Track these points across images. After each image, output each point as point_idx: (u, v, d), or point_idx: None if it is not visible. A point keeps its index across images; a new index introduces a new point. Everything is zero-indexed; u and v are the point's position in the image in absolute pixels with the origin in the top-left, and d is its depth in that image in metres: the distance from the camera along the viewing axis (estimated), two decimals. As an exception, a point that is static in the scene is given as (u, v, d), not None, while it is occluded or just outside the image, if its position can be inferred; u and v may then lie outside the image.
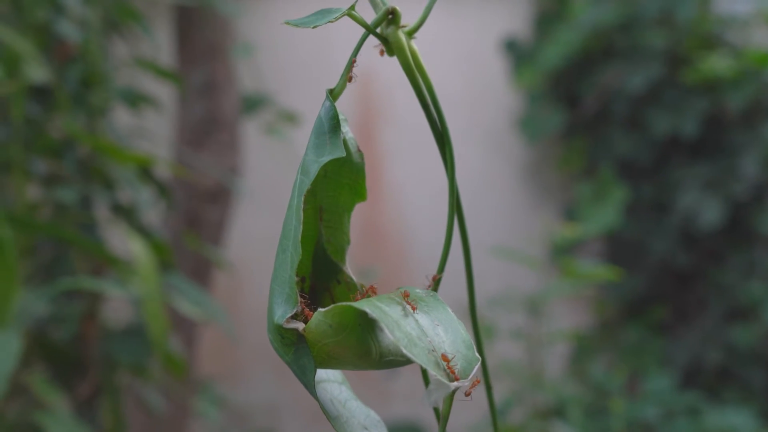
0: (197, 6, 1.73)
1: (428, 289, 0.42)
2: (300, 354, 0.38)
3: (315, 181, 0.41)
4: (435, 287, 0.44)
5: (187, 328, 1.76)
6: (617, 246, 2.78)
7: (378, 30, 0.43)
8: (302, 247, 0.39)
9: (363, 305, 0.37)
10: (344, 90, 0.43)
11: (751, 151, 2.58)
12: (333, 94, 0.43)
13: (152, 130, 1.66)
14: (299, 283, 0.44)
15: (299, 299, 0.39)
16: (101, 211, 1.41)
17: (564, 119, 2.78)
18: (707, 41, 2.69)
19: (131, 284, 1.21)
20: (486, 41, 2.88)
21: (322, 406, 0.41)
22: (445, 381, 0.35)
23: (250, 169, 2.20)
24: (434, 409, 0.44)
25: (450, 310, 0.39)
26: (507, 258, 2.39)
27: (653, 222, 2.69)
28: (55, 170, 1.34)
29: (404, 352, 0.34)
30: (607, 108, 2.76)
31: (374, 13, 0.44)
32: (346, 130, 0.43)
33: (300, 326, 0.38)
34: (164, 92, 1.92)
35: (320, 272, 0.46)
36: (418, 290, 0.41)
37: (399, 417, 2.66)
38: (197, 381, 1.94)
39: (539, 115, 2.79)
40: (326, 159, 0.40)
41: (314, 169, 0.40)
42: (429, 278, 0.44)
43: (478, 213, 2.80)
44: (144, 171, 1.38)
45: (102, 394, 1.34)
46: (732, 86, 2.57)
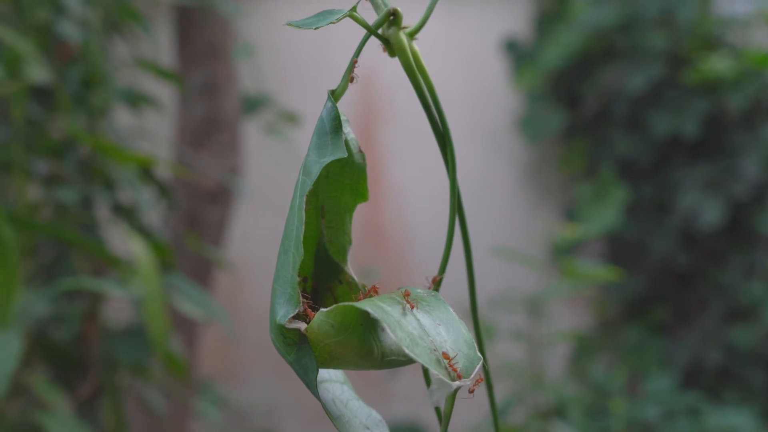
0: (198, 6, 1.73)
1: (430, 289, 0.42)
2: (302, 354, 0.38)
3: (317, 182, 0.41)
4: (436, 287, 0.44)
5: (188, 329, 1.76)
6: (618, 246, 2.78)
7: (379, 31, 0.43)
8: (304, 248, 0.39)
9: (365, 305, 0.37)
10: (345, 91, 0.43)
11: (752, 152, 2.58)
12: (335, 95, 0.43)
13: (153, 131, 1.66)
14: (301, 283, 0.44)
15: (301, 299, 0.39)
16: (102, 212, 1.41)
17: (564, 120, 2.78)
18: (708, 42, 2.69)
19: (132, 284, 1.21)
20: (486, 42, 2.88)
21: (325, 406, 0.41)
22: (447, 380, 0.35)
23: (251, 170, 2.20)
24: (436, 409, 0.44)
25: (451, 310, 0.39)
26: (507, 258, 2.39)
27: (654, 222, 2.69)
28: (56, 170, 1.34)
29: (406, 352, 0.35)
30: (608, 108, 2.76)
31: (376, 15, 0.44)
32: (348, 131, 0.43)
33: (302, 326, 0.38)
34: (165, 92, 1.92)
35: (322, 272, 0.46)
36: (420, 290, 0.41)
37: (399, 417, 2.66)
38: (198, 381, 1.94)
39: (540, 116, 2.80)
40: (328, 159, 0.40)
41: (316, 170, 0.40)
42: (429, 280, 0.44)
43: (479, 213, 2.80)
44: (145, 171, 1.39)
45: (103, 394, 1.34)
46: (732, 87, 2.57)
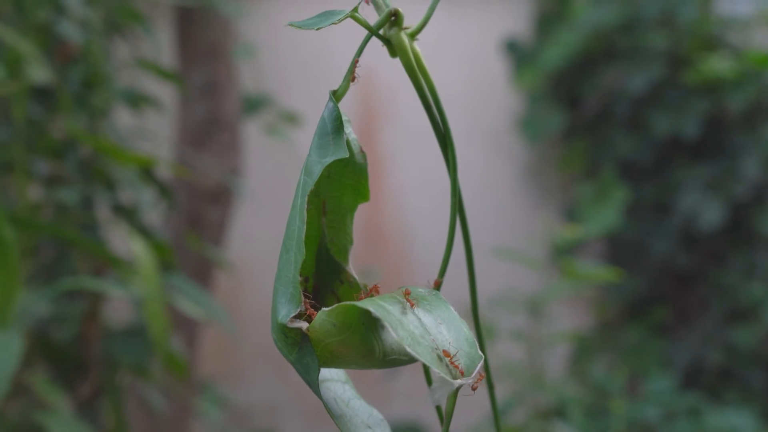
0: (198, 7, 1.73)
1: (431, 288, 0.42)
2: (304, 353, 0.38)
3: (318, 182, 0.41)
4: (438, 287, 0.44)
5: (189, 329, 1.77)
6: (618, 247, 2.78)
7: (381, 32, 0.43)
8: (306, 247, 0.39)
9: (366, 304, 0.37)
10: (347, 91, 0.43)
11: (752, 152, 2.58)
12: (336, 95, 0.43)
13: (153, 131, 1.66)
14: (303, 283, 0.45)
15: (303, 299, 0.39)
16: (103, 212, 1.41)
17: (565, 120, 2.78)
18: (708, 42, 2.69)
19: (132, 284, 1.21)
20: (487, 42, 2.88)
21: (326, 405, 0.41)
22: (449, 378, 0.35)
23: (251, 170, 2.21)
24: (437, 408, 0.44)
25: (452, 309, 0.39)
26: (508, 259, 2.39)
27: (654, 223, 2.69)
28: (57, 171, 1.34)
29: (408, 351, 0.35)
30: (608, 109, 2.76)
31: (377, 15, 0.44)
32: (349, 131, 0.43)
33: (304, 325, 0.38)
34: (165, 93, 1.92)
35: (323, 272, 0.46)
36: (421, 289, 0.41)
37: (400, 417, 2.66)
38: (198, 381, 1.94)
39: (540, 116, 2.80)
40: (329, 160, 0.40)
41: (318, 170, 0.40)
42: (431, 283, 0.44)
43: (479, 214, 2.80)
44: (145, 171, 1.39)
45: (103, 395, 1.34)
46: (733, 87, 2.57)
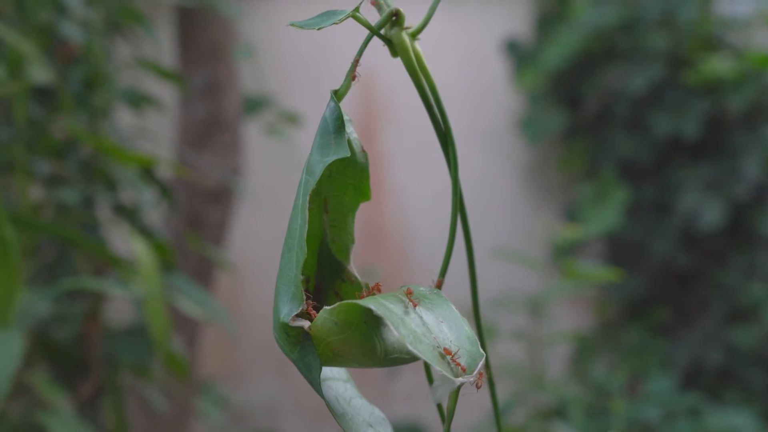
0: (199, 7, 1.73)
1: (432, 287, 0.42)
2: (305, 352, 0.38)
3: (320, 181, 0.41)
4: (439, 287, 0.44)
5: (189, 329, 1.77)
6: (618, 247, 2.78)
7: (382, 31, 0.43)
8: (307, 247, 0.39)
9: (368, 303, 0.37)
10: (348, 91, 0.43)
11: (752, 153, 2.58)
12: (337, 95, 0.43)
13: (154, 131, 1.66)
14: (304, 283, 0.45)
15: (305, 298, 0.39)
16: (103, 212, 1.41)
17: (565, 120, 2.78)
18: (708, 43, 2.69)
19: (133, 284, 1.21)
20: (487, 42, 2.88)
21: (328, 404, 0.41)
22: (450, 376, 0.35)
23: (252, 170, 2.21)
24: (438, 407, 0.44)
25: (454, 307, 0.39)
26: (508, 259, 2.39)
27: (654, 223, 2.69)
28: (58, 171, 1.34)
29: (409, 349, 0.35)
30: (609, 109, 2.76)
31: (378, 15, 0.44)
32: (351, 131, 0.44)
33: (305, 324, 0.38)
34: (166, 93, 1.92)
35: (325, 271, 0.46)
36: (422, 288, 0.41)
37: (400, 417, 2.66)
38: (199, 381, 1.94)
39: (540, 116, 2.80)
40: (331, 159, 0.40)
41: (319, 169, 0.40)
42: (433, 282, 0.44)
43: (480, 214, 2.80)
44: (146, 171, 1.39)
45: (104, 394, 1.34)
46: (733, 88, 2.57)
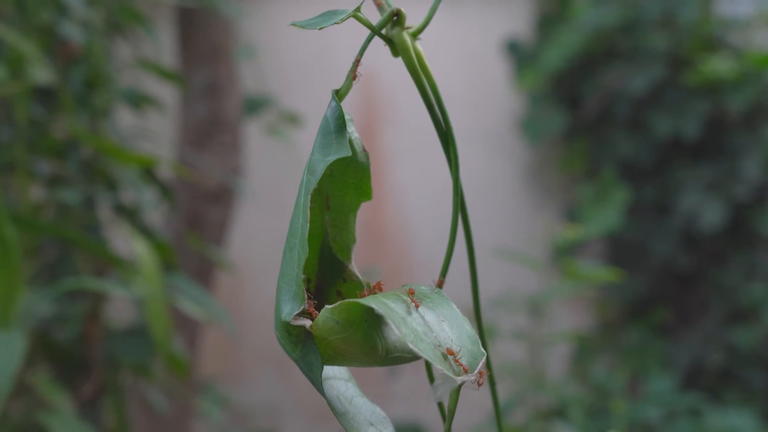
0: (200, 7, 1.74)
1: (433, 287, 0.42)
2: (307, 351, 0.38)
3: (321, 180, 0.41)
4: (440, 287, 0.44)
5: (190, 329, 1.77)
6: (618, 247, 2.78)
7: (383, 31, 0.44)
8: (309, 246, 0.39)
9: (369, 301, 0.37)
10: (349, 90, 0.44)
11: (753, 153, 2.58)
12: (339, 95, 0.43)
13: (155, 131, 1.66)
14: (305, 283, 0.45)
15: (306, 297, 0.39)
16: (104, 212, 1.41)
17: (566, 121, 2.78)
18: (709, 43, 2.69)
19: (134, 284, 1.21)
20: (488, 43, 2.88)
21: (330, 403, 0.41)
22: (451, 375, 0.35)
23: (252, 170, 2.21)
24: (439, 405, 0.44)
25: (455, 307, 0.39)
26: (508, 259, 2.40)
27: (655, 223, 2.70)
28: (59, 171, 1.34)
29: (411, 348, 0.35)
30: (609, 109, 2.76)
31: (379, 15, 0.44)
32: (352, 130, 0.44)
33: (307, 323, 0.38)
34: (167, 93, 1.93)
35: (327, 270, 0.46)
36: (423, 287, 0.41)
37: (400, 417, 2.66)
38: (200, 381, 1.94)
39: (541, 117, 2.80)
40: (332, 158, 0.41)
41: (320, 168, 0.40)
42: (435, 282, 0.44)
43: (480, 214, 2.80)
44: (147, 172, 1.39)
45: (105, 394, 1.35)
46: (733, 88, 2.57)
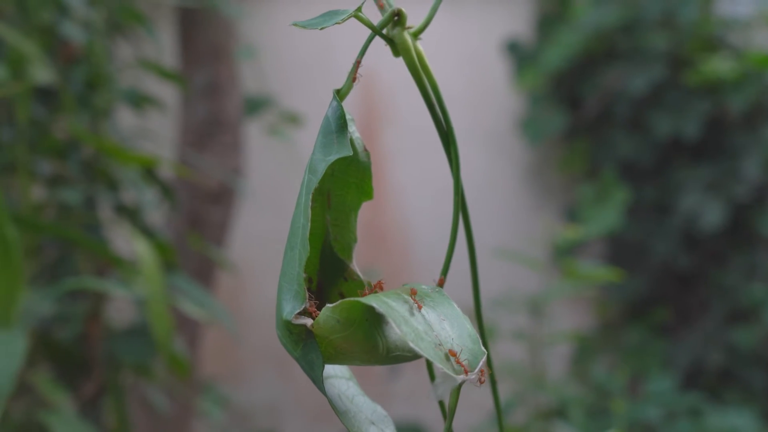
0: (200, 8, 1.74)
1: (434, 286, 0.42)
2: (308, 349, 0.39)
3: (322, 180, 0.42)
4: (441, 286, 0.44)
5: (191, 329, 1.77)
6: (619, 247, 2.78)
7: (384, 31, 0.44)
8: (310, 245, 0.39)
9: (370, 300, 0.37)
10: (350, 90, 0.44)
11: (753, 153, 2.58)
12: (340, 95, 0.43)
13: (155, 131, 1.66)
14: (306, 282, 0.45)
15: (307, 296, 0.39)
16: (105, 212, 1.41)
17: (566, 121, 2.78)
18: (709, 43, 2.69)
19: (135, 284, 1.21)
20: (488, 43, 2.88)
21: (331, 401, 0.41)
22: (452, 374, 0.35)
23: (253, 170, 2.21)
24: (440, 404, 0.44)
25: (456, 306, 0.39)
26: (509, 259, 2.40)
27: (655, 223, 2.70)
28: (60, 171, 1.34)
29: (411, 347, 0.35)
30: (609, 110, 2.76)
31: (379, 15, 0.44)
32: (353, 130, 0.44)
33: (308, 322, 0.38)
34: (167, 93, 1.93)
35: (328, 270, 0.46)
36: (424, 286, 0.41)
37: (401, 417, 2.66)
38: (200, 381, 1.94)
39: (541, 117, 2.80)
40: (334, 158, 0.41)
41: (322, 168, 0.41)
42: (435, 282, 0.44)
43: (480, 214, 2.80)
44: (147, 172, 1.39)
45: (106, 394, 1.35)
46: (734, 88, 2.57)
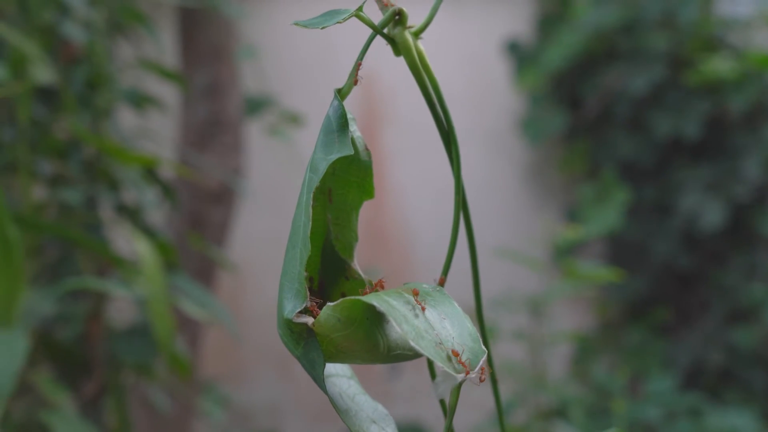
0: (201, 8, 1.74)
1: (435, 285, 0.43)
2: (309, 348, 0.39)
3: (323, 179, 0.42)
4: (441, 285, 0.44)
5: (192, 329, 1.77)
6: (619, 247, 2.78)
7: (385, 31, 0.44)
8: (311, 244, 0.39)
9: (371, 299, 0.37)
10: (351, 90, 0.44)
11: (753, 153, 2.59)
12: (341, 94, 0.43)
13: (156, 131, 1.66)
14: (307, 281, 0.45)
15: (308, 294, 0.39)
16: (106, 212, 1.41)
17: (566, 121, 2.78)
18: (709, 43, 2.69)
19: (136, 284, 1.21)
20: (488, 43, 2.88)
21: (332, 400, 0.41)
22: (453, 373, 0.35)
23: (254, 170, 2.21)
24: (440, 403, 0.44)
25: (456, 304, 0.39)
26: (509, 259, 2.40)
27: (655, 224, 2.70)
28: (61, 171, 1.34)
29: (412, 345, 0.35)
30: (610, 110, 2.76)
31: (380, 14, 0.44)
32: (354, 129, 0.44)
33: (309, 320, 0.39)
34: (168, 93, 1.93)
35: (329, 268, 0.46)
36: (425, 285, 0.41)
37: (401, 417, 2.66)
38: (201, 381, 1.94)
39: (541, 117, 2.80)
40: (335, 157, 0.41)
41: (323, 167, 0.41)
42: (436, 281, 0.44)
43: (480, 214, 2.80)
44: (148, 172, 1.39)
45: (107, 394, 1.35)
46: (734, 88, 2.57)
